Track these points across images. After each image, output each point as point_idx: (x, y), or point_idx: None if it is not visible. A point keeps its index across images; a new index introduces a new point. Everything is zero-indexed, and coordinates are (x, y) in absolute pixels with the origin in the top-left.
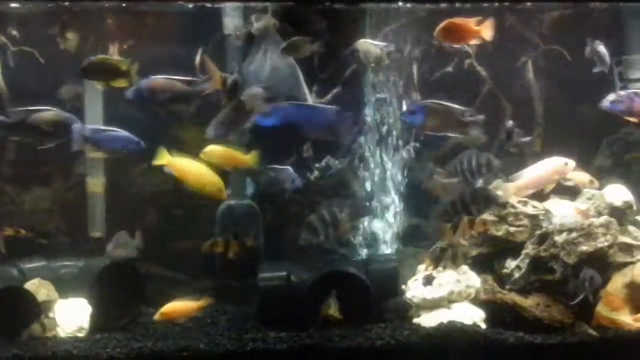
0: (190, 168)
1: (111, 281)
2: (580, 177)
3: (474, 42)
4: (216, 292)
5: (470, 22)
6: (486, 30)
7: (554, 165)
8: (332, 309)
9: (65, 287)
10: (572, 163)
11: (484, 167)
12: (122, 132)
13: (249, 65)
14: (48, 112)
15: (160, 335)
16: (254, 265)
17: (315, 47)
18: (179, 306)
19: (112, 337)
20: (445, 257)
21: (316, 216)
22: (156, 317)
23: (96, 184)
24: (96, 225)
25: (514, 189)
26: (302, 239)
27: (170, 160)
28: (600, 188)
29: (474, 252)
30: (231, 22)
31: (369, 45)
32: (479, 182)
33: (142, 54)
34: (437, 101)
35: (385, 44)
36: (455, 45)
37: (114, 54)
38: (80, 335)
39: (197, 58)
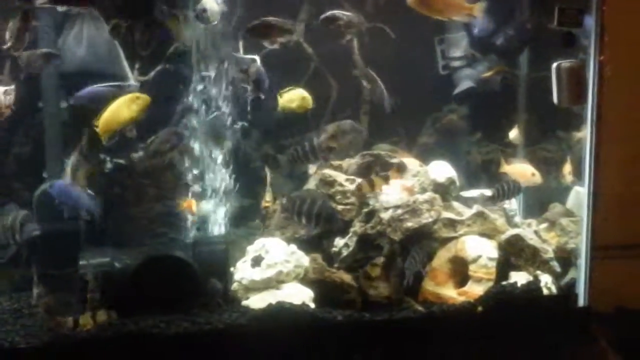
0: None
1: None
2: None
3: None
4: (33, 282)
5: None
6: None
7: None
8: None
9: None
10: None
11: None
12: None
13: (65, 40)
14: None
15: None
16: (74, 252)
17: None
18: None
19: None
20: None
21: None
22: None
23: None
24: None
25: None
26: None
27: None
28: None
29: (302, 231)
30: None
31: (212, 2)
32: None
33: None
34: None
35: None
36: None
37: None
38: None
39: (7, 32)
